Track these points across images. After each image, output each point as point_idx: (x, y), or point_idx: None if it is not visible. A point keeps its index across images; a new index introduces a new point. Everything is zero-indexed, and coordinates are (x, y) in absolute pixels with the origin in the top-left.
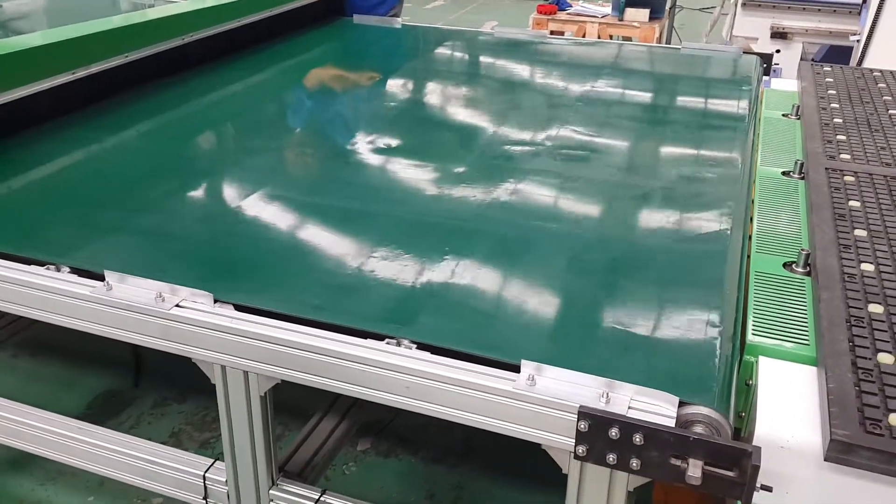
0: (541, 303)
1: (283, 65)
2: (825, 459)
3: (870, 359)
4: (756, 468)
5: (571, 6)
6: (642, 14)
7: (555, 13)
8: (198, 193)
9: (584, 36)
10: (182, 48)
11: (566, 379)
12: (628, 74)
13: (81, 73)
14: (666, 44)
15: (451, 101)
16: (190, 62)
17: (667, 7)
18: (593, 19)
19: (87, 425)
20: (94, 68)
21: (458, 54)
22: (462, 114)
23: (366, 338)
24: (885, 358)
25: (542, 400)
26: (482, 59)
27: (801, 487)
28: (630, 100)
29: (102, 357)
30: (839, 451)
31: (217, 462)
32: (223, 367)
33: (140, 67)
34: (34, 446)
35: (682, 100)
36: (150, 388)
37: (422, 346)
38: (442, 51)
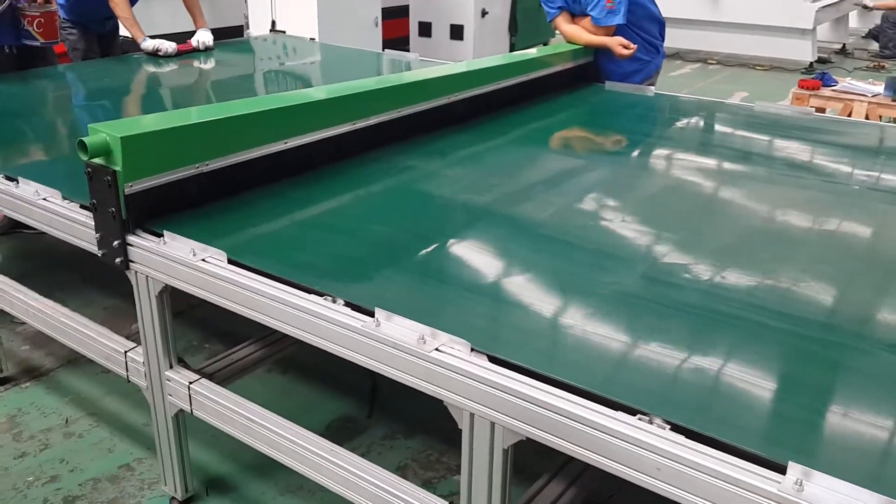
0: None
1: (536, 125)
2: None
3: None
4: None
5: (837, 83)
6: None
7: (818, 89)
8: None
9: (849, 115)
10: (448, 106)
11: (840, 490)
12: None
13: (361, 124)
14: None
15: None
16: (452, 120)
17: None
18: (862, 97)
19: (337, 447)
20: (373, 120)
21: (716, 126)
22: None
23: (616, 409)
24: None
25: None
26: (745, 133)
27: None
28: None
29: (343, 382)
30: None
31: None
32: (472, 415)
33: (410, 121)
34: (285, 457)
35: None
36: (382, 420)
37: (675, 428)
38: (696, 121)
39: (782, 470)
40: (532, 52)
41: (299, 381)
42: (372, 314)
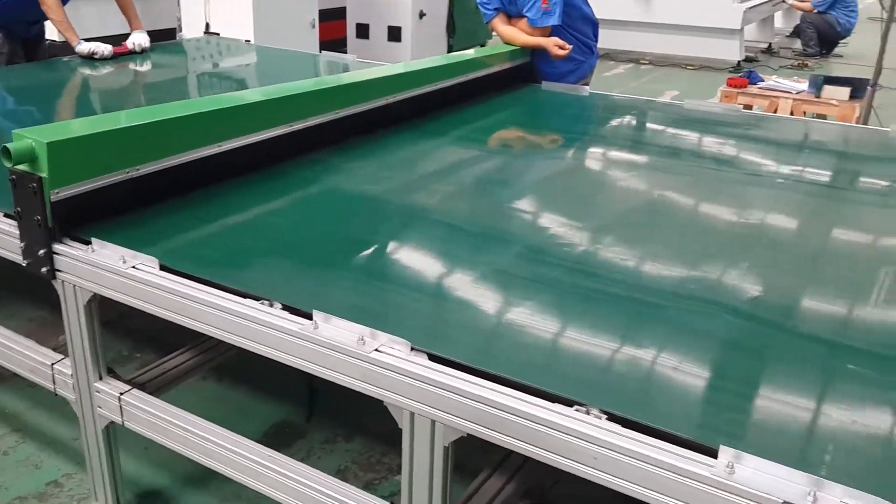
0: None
1: (475, 125)
2: None
3: None
4: None
5: (764, 81)
6: (842, 92)
7: (746, 87)
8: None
9: (775, 111)
10: (386, 107)
11: (769, 471)
12: (848, 157)
13: (298, 125)
14: (863, 124)
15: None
16: (390, 121)
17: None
18: (787, 95)
19: (276, 453)
20: (310, 122)
21: (648, 124)
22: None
23: (553, 402)
24: None
25: (741, 490)
26: (674, 130)
27: None
28: (830, 184)
29: (280, 388)
30: None
31: None
32: (412, 414)
33: (348, 123)
34: (223, 466)
35: (889, 186)
36: (321, 424)
37: (612, 418)
38: (628, 119)
39: (714, 454)
40: (470, 53)
41: (235, 387)
42: (310, 317)
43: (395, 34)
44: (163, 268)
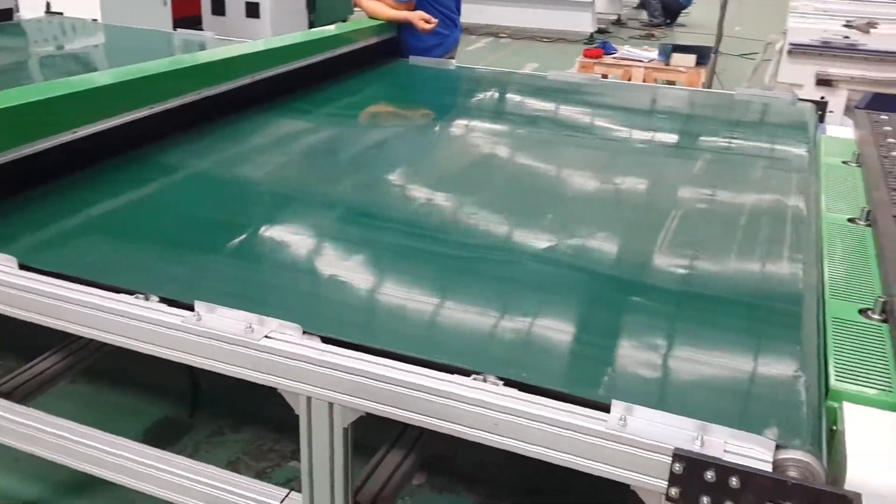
0: (625, 344)
1: (344, 101)
2: None
3: None
4: None
5: (617, 51)
6: (689, 59)
7: (601, 57)
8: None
9: (629, 80)
10: (247, 87)
11: (658, 420)
12: (692, 119)
13: (158, 108)
14: (708, 89)
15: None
16: (253, 100)
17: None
18: (639, 64)
19: (161, 452)
20: (171, 104)
21: (513, 95)
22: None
23: (452, 373)
24: None
25: (634, 441)
26: (536, 100)
27: None
28: (697, 145)
29: (159, 385)
30: None
31: (293, 493)
32: (309, 399)
33: (210, 103)
34: (105, 471)
35: (744, 145)
36: (207, 418)
37: (509, 383)
38: (496, 91)
39: (607, 409)
40: (334, 29)
41: (109, 388)
42: (192, 308)
43: (253, 10)
44: (22, 266)
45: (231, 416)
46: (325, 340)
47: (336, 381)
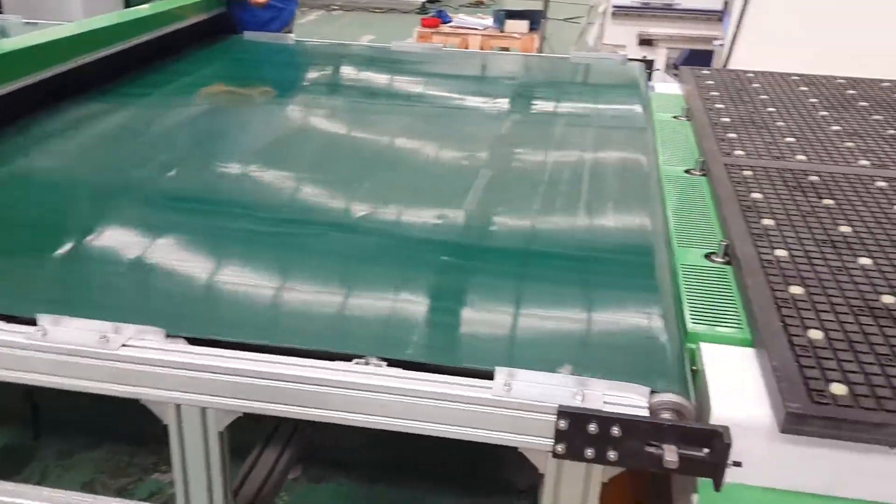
0: (491, 308)
1: (178, 83)
2: (782, 431)
3: (802, 336)
4: (728, 446)
5: (452, 20)
6: (522, 25)
7: (438, 26)
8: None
9: (466, 47)
10: (68, 74)
11: (540, 381)
12: (535, 84)
13: None
14: (539, 53)
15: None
16: (77, 88)
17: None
18: (475, 31)
19: (4, 483)
20: None
21: (358, 67)
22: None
23: (333, 360)
24: (815, 334)
25: (520, 404)
26: (377, 72)
27: (759, 460)
28: (541, 109)
29: None
30: (794, 423)
31: None
32: (178, 406)
33: (27, 95)
34: None
35: (581, 106)
36: (54, 439)
37: (392, 363)
38: (340, 64)
39: (490, 376)
40: (160, 6)
41: None
42: (34, 322)
43: None
44: None
45: (81, 433)
46: (193, 342)
47: (208, 383)
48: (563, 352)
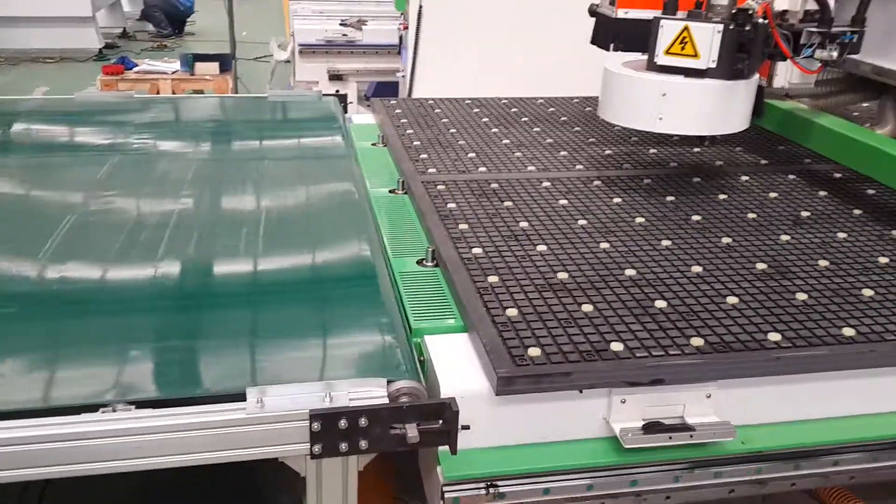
0: (233, 339)
1: None
2: (497, 394)
3: (502, 315)
4: (456, 413)
5: (137, 65)
6: (213, 67)
7: (122, 73)
8: None
9: (158, 93)
10: None
11: (290, 392)
12: (236, 124)
13: None
14: (234, 93)
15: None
16: None
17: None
18: (165, 76)
19: None
20: None
21: (39, 124)
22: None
23: (79, 413)
24: (511, 312)
25: (275, 416)
26: (70, 126)
27: (484, 424)
28: (247, 147)
29: None
30: (505, 385)
31: None
32: None
33: None
34: None
35: (286, 143)
36: None
37: (141, 405)
38: (13, 121)
39: (243, 398)
40: None
41: None
42: None
43: None
44: None
45: None
46: None
47: None
48: (310, 366)
